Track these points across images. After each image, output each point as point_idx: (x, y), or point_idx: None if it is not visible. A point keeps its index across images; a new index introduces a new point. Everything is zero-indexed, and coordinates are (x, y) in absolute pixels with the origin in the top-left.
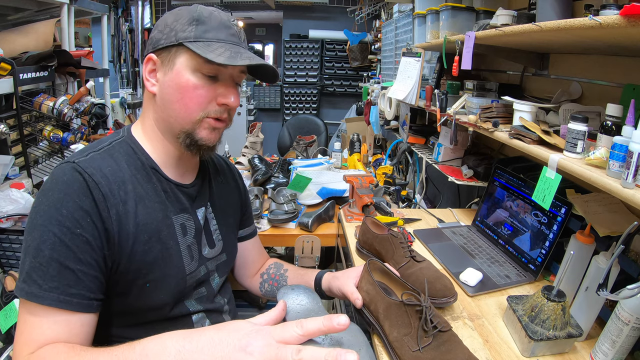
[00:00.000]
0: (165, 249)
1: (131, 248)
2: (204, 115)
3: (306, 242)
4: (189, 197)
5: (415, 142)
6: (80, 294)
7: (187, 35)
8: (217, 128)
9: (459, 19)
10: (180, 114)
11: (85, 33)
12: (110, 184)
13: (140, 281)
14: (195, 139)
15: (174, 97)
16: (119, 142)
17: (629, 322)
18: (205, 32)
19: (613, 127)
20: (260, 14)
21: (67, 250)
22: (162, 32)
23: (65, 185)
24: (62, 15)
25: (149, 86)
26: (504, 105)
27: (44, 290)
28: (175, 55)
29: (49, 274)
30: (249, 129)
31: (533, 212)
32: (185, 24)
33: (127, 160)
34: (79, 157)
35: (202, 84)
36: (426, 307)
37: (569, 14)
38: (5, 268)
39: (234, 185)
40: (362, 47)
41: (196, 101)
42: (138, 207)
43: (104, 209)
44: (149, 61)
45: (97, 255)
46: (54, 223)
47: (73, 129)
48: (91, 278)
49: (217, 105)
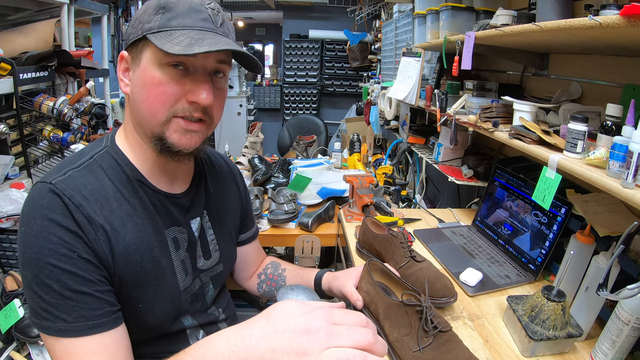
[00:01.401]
0: (159, 267)
1: (122, 270)
2: (171, 115)
3: (306, 242)
4: (182, 208)
5: (415, 142)
6: (105, 312)
7: (151, 26)
8: (191, 130)
9: (459, 19)
10: (147, 114)
11: (85, 33)
12: (91, 205)
13: (133, 302)
14: (167, 144)
15: (141, 96)
16: (101, 154)
17: (629, 322)
18: (170, 20)
19: (613, 127)
20: (260, 14)
21: (74, 277)
22: (133, 25)
23: (46, 210)
24: (62, 15)
25: (123, 87)
26: (504, 105)
27: (71, 323)
28: (141, 50)
29: (68, 305)
30: (249, 129)
31: (533, 212)
32: (152, 14)
33: (110, 174)
34: (56, 177)
35: (168, 80)
36: (426, 307)
37: (569, 14)
38: (5, 268)
39: (234, 188)
40: (362, 47)
41: (161, 99)
42: (127, 225)
43: (90, 232)
44: (122, 59)
45: (102, 271)
46: (48, 254)
47: (73, 129)
48: (107, 293)
49: (187, 103)
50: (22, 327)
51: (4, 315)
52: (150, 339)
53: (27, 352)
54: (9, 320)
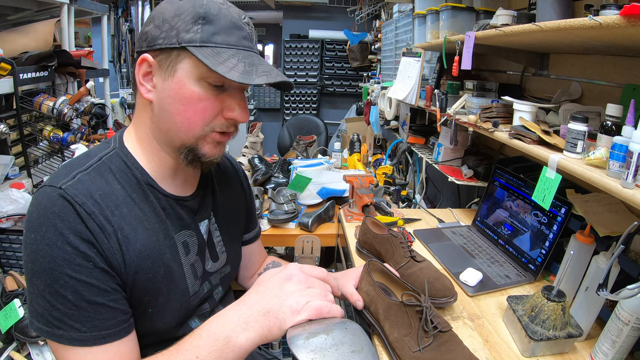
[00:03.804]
0: (169, 273)
1: (134, 277)
2: (210, 130)
3: (306, 242)
4: (190, 211)
5: (415, 142)
6: (119, 322)
7: (191, 37)
8: (222, 142)
9: (459, 19)
10: (182, 127)
11: (85, 33)
12: (103, 211)
13: (143, 307)
14: (199, 155)
15: (175, 108)
16: (110, 156)
17: (629, 322)
18: (214, 35)
19: (613, 127)
20: (260, 14)
21: (90, 287)
22: (160, 28)
23: (58, 218)
24: (62, 15)
25: (144, 92)
26: (504, 105)
27: (85, 333)
28: (176, 60)
29: (83, 316)
30: (249, 129)
31: (533, 212)
32: (190, 22)
33: (120, 178)
34: (66, 181)
35: (208, 96)
36: (426, 307)
37: (569, 14)
38: (5, 268)
39: (239, 189)
40: (362, 47)
41: (201, 115)
42: (137, 231)
43: (103, 241)
44: (144, 62)
45: (116, 279)
46: (63, 265)
47: (73, 129)
48: (121, 301)
49: (224, 119)
50: (22, 327)
51: (4, 315)
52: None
53: (27, 352)
54: (9, 320)
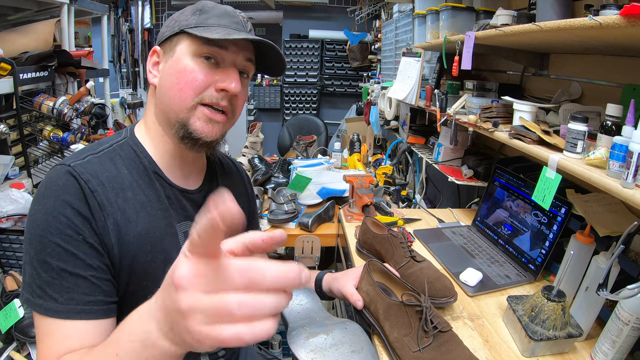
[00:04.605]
0: (170, 260)
1: (132, 259)
2: (199, 101)
3: (306, 242)
4: (195, 204)
5: (415, 142)
6: (97, 301)
7: (188, 22)
8: (214, 120)
9: (459, 19)
10: (175, 100)
11: (85, 33)
12: (107, 192)
13: (141, 293)
14: (189, 130)
15: (171, 82)
16: (121, 144)
17: (629, 322)
18: (207, 19)
19: (613, 127)
20: (260, 14)
21: (75, 259)
22: (168, 25)
23: (61, 190)
24: (62, 15)
25: (151, 78)
26: (504, 105)
27: (61, 304)
28: (176, 42)
29: (62, 286)
30: (249, 129)
31: (533, 212)
32: (189, 15)
33: (128, 164)
34: (76, 160)
35: (200, 68)
36: (426, 307)
37: (569, 14)
38: (5, 268)
39: (242, 191)
40: (362, 47)
41: (191, 85)
42: (139, 215)
43: (100, 219)
44: (154, 54)
45: (104, 259)
46: (54, 233)
47: (73, 129)
48: (104, 282)
49: (215, 91)
50: (22, 327)
51: (4, 315)
52: None
53: (27, 352)
54: (9, 320)
